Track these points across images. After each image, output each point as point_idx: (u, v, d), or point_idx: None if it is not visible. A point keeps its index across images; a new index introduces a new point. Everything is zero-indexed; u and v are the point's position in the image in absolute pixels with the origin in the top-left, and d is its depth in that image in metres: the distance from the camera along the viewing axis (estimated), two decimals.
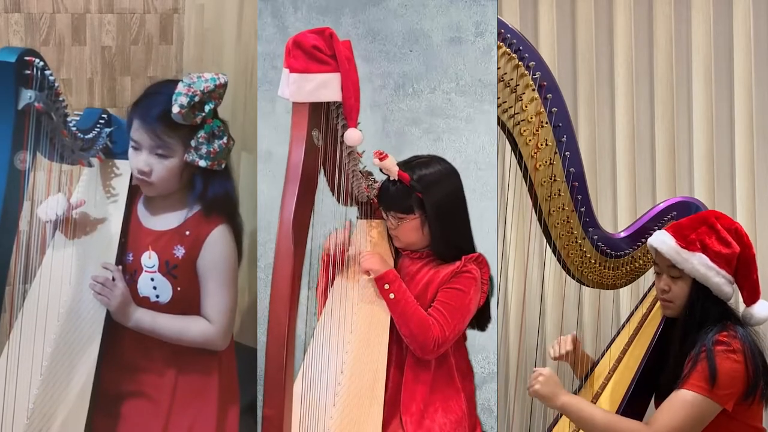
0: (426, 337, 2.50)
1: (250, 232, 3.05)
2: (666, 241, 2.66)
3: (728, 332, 2.60)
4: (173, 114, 2.54)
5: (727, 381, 2.54)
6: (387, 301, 2.53)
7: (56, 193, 2.68)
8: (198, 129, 2.60)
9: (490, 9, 2.90)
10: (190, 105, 2.55)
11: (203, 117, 2.59)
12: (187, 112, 2.55)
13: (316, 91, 2.20)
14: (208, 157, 2.61)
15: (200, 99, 2.56)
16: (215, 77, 2.60)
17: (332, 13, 3.04)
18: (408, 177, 2.51)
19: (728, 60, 3.27)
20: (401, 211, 2.55)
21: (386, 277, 2.53)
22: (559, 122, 2.74)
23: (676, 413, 2.55)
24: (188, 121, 2.56)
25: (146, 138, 2.59)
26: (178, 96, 2.54)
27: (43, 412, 2.57)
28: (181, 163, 2.62)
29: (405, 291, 2.53)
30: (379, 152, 2.49)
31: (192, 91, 2.55)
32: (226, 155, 2.65)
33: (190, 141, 2.60)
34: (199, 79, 2.58)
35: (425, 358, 2.54)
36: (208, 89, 2.57)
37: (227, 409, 2.76)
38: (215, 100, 2.61)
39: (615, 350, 2.91)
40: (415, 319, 2.51)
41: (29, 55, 2.42)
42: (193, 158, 2.60)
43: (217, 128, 2.62)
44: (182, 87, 2.55)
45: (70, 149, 2.59)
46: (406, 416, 2.52)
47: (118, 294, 2.61)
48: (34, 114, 2.42)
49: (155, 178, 2.63)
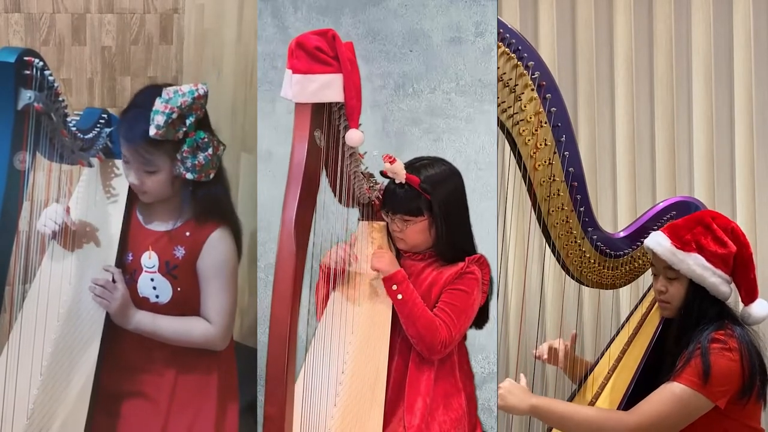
0: (433, 338, 2.51)
1: (250, 233, 3.05)
2: (661, 242, 2.67)
3: (725, 331, 2.60)
4: (151, 134, 2.53)
5: (721, 378, 2.54)
6: (394, 301, 2.53)
7: (56, 193, 2.68)
8: (181, 143, 2.59)
9: (490, 9, 2.90)
10: (167, 123, 2.52)
11: (185, 131, 2.57)
12: (166, 130, 2.53)
13: (319, 91, 2.20)
14: (194, 170, 2.60)
15: (179, 114, 2.54)
16: (193, 90, 2.56)
17: (332, 13, 3.04)
18: (417, 179, 2.52)
19: (728, 60, 3.27)
20: (409, 214, 2.55)
21: (395, 277, 2.53)
22: (558, 122, 2.74)
23: (662, 404, 2.55)
24: (169, 138, 2.55)
25: (131, 156, 2.60)
26: (155, 114, 2.52)
27: (43, 412, 2.57)
28: (170, 176, 2.62)
29: (413, 292, 2.53)
30: (389, 156, 2.50)
31: (169, 108, 2.52)
32: (213, 165, 2.64)
33: (176, 154, 2.60)
34: (176, 94, 2.54)
35: (431, 359, 2.55)
36: (185, 104, 2.54)
37: (227, 409, 2.76)
38: (195, 112, 2.57)
39: (614, 350, 2.91)
40: (422, 320, 2.51)
41: (29, 55, 2.40)
42: (180, 171, 2.60)
43: (201, 140, 2.59)
44: (159, 104, 2.53)
45: (70, 149, 2.59)
46: (409, 414, 2.53)
47: (118, 297, 2.61)
48: (33, 114, 2.40)
49: (147, 190, 2.64)
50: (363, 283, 2.60)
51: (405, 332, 2.54)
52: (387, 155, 2.50)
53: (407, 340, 2.55)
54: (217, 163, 2.65)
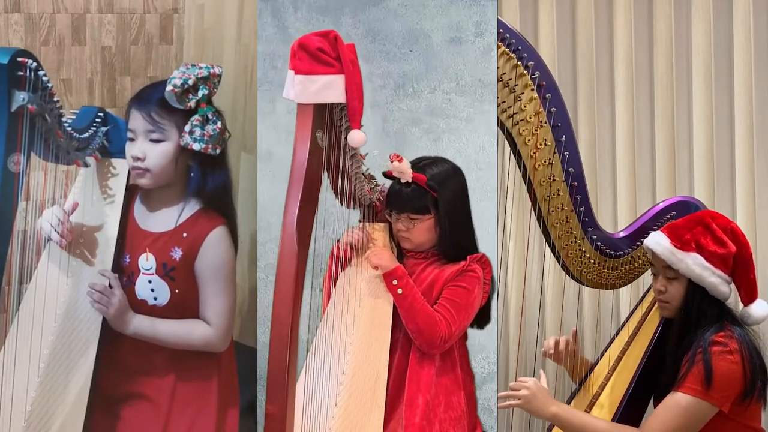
0: (433, 333, 2.52)
1: (250, 233, 3.05)
2: (661, 241, 2.67)
3: (725, 332, 2.60)
4: (166, 93, 2.58)
5: (723, 383, 2.54)
6: (395, 296, 2.55)
7: (53, 193, 2.67)
8: (192, 114, 2.62)
9: (490, 9, 2.90)
10: (183, 87, 2.60)
11: (197, 101, 2.62)
12: (180, 94, 2.60)
13: (321, 92, 2.22)
14: (202, 140, 2.62)
15: (194, 83, 2.62)
16: (209, 66, 2.67)
17: (332, 13, 3.04)
18: (424, 177, 2.53)
19: (728, 60, 3.27)
20: (416, 212, 2.56)
21: (395, 273, 2.55)
22: (558, 122, 2.74)
23: (670, 417, 2.55)
24: (182, 104, 2.60)
25: (141, 122, 2.62)
26: (172, 79, 2.61)
27: (40, 414, 2.56)
28: (176, 149, 2.63)
29: (412, 287, 2.55)
30: (396, 155, 2.51)
31: (185, 75, 2.62)
32: (220, 141, 2.66)
33: (185, 126, 2.61)
34: (193, 67, 2.66)
35: (431, 353, 2.55)
36: (201, 75, 2.64)
37: (227, 410, 2.76)
38: (209, 88, 2.66)
39: (614, 350, 2.91)
40: (422, 314, 2.53)
41: (22, 56, 2.38)
42: (187, 142, 2.62)
43: (211, 113, 2.65)
44: (177, 72, 2.63)
45: (66, 150, 2.57)
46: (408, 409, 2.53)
47: (116, 302, 2.60)
48: (27, 116, 2.39)
49: (150, 164, 2.63)
50: (364, 282, 2.60)
51: (405, 327, 2.54)
52: (394, 154, 2.51)
53: (408, 335, 2.55)
54: (223, 143, 2.67)
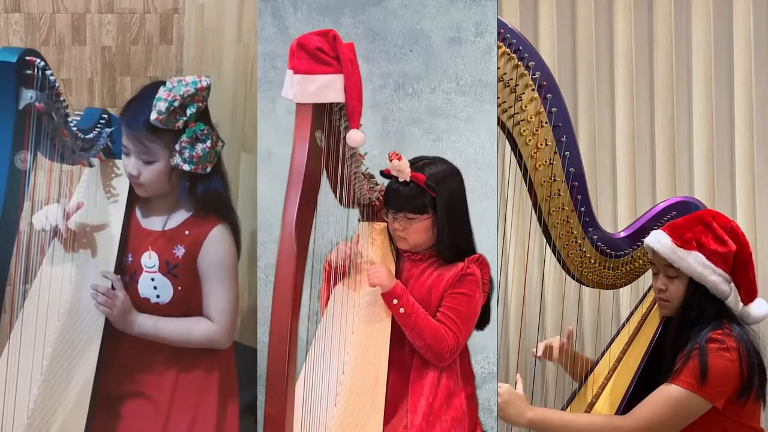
0: (441, 347, 2.51)
1: (250, 233, 3.05)
2: (662, 240, 2.67)
3: (723, 330, 2.61)
4: (152, 120, 2.54)
5: (718, 379, 2.55)
6: (396, 315, 2.52)
7: (57, 193, 2.68)
8: (181, 133, 2.60)
9: (490, 9, 2.90)
10: (169, 110, 2.55)
11: (185, 121, 2.59)
12: (167, 118, 2.55)
13: (320, 91, 2.21)
14: (192, 161, 2.61)
15: (180, 103, 2.56)
16: (196, 80, 2.60)
17: (332, 13, 3.04)
18: (423, 177, 2.52)
19: (728, 60, 3.27)
20: (414, 211, 2.56)
21: (394, 291, 2.53)
22: (559, 122, 2.74)
23: (659, 407, 2.55)
24: (170, 126, 2.57)
25: (131, 144, 2.61)
26: (158, 102, 2.55)
27: (43, 412, 2.57)
28: (167, 168, 2.63)
29: (414, 303, 2.53)
30: (395, 153, 2.50)
31: (171, 96, 2.55)
32: (211, 159, 2.64)
33: (175, 145, 2.60)
34: (179, 84, 2.58)
35: (440, 365, 2.55)
36: (188, 93, 2.57)
37: (227, 407, 2.76)
38: (197, 104, 2.60)
39: (615, 350, 2.91)
40: (428, 330, 2.52)
41: (30, 54, 2.40)
42: (177, 162, 2.61)
43: (200, 132, 2.61)
44: (162, 92, 2.56)
45: (71, 149, 2.59)
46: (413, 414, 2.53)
47: (119, 303, 2.61)
48: (34, 114, 2.41)
49: (144, 181, 2.64)
50: (363, 283, 2.60)
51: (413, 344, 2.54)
52: (393, 152, 2.50)
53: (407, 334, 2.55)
54: (214, 158, 2.65)
